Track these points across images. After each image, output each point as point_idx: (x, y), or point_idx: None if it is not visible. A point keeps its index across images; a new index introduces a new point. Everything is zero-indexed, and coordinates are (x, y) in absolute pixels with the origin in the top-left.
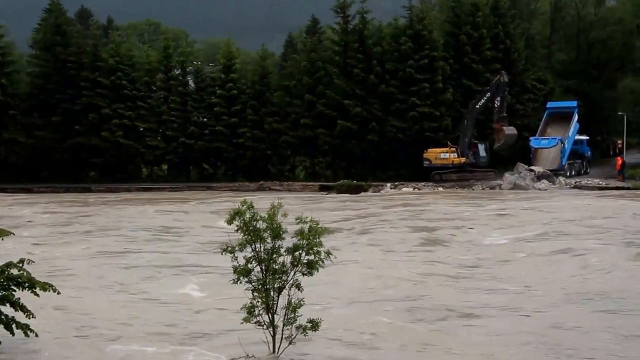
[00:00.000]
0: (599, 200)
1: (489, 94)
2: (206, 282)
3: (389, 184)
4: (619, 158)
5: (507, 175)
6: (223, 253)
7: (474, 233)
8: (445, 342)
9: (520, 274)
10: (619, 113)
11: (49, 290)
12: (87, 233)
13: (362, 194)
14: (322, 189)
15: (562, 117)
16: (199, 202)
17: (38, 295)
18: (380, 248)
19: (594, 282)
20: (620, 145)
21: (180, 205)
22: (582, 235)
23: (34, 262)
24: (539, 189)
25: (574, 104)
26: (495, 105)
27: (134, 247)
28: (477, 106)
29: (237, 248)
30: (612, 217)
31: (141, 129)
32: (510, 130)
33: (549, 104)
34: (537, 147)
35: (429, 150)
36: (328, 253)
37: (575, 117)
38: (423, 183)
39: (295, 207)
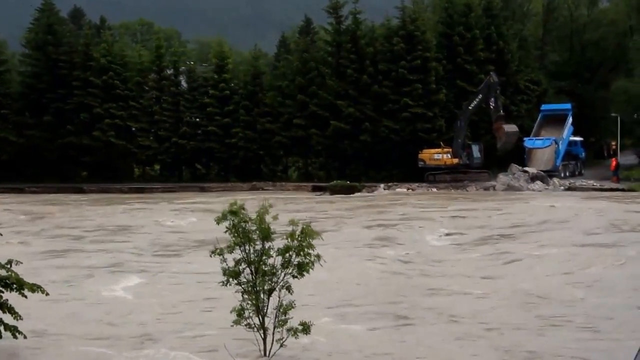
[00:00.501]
0: (581, 202)
1: (480, 95)
2: (137, 284)
3: (382, 185)
4: (613, 159)
5: (500, 176)
6: (212, 255)
7: (423, 232)
8: (384, 346)
9: (450, 273)
10: (613, 114)
11: (38, 292)
12: (38, 233)
13: (356, 194)
14: (315, 189)
15: (556, 120)
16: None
17: (26, 296)
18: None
19: (513, 283)
20: (614, 147)
21: (151, 204)
22: (525, 239)
23: (21, 262)
24: (533, 190)
25: (568, 106)
26: (491, 106)
27: (78, 247)
28: (470, 107)
29: (226, 250)
30: (567, 221)
31: (133, 129)
32: (510, 127)
33: (543, 107)
34: (531, 147)
35: (424, 150)
36: (318, 256)
37: (570, 120)
38: (417, 184)
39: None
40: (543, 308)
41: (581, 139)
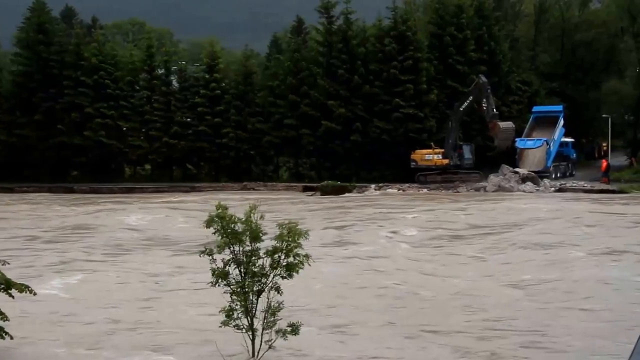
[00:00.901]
0: (562, 204)
1: (471, 96)
2: (79, 282)
3: (373, 186)
4: (604, 160)
5: (491, 177)
6: (201, 255)
7: (379, 231)
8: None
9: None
10: (604, 115)
11: (26, 292)
12: None
13: (347, 194)
14: (306, 190)
15: (548, 121)
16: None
17: (13, 297)
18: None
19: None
20: (605, 148)
21: (126, 204)
22: (472, 239)
23: (9, 263)
24: (524, 192)
25: (560, 108)
26: (484, 107)
27: (31, 246)
28: (461, 108)
29: (215, 250)
30: (530, 223)
31: (124, 129)
32: (505, 124)
33: (535, 108)
34: (522, 147)
35: (416, 151)
36: (307, 256)
37: (561, 121)
38: (408, 184)
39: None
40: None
41: (572, 140)
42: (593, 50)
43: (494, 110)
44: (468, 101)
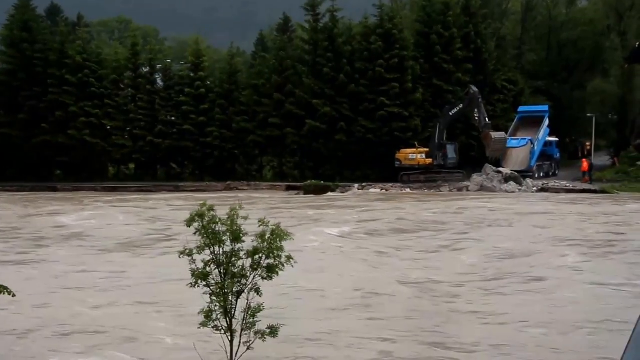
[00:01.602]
0: (527, 205)
1: (461, 105)
2: None
3: (356, 185)
4: (583, 160)
5: (474, 177)
6: (181, 256)
7: (314, 229)
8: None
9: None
10: (588, 115)
11: (4, 293)
12: None
13: (330, 194)
14: (289, 189)
15: (533, 121)
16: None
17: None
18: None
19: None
20: (588, 147)
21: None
22: (389, 235)
23: None
24: (506, 191)
25: (545, 107)
26: (476, 117)
27: None
28: (451, 113)
29: (195, 251)
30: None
31: (108, 128)
32: (498, 134)
33: (520, 108)
34: (507, 146)
35: (401, 150)
36: (289, 257)
37: (546, 122)
38: (391, 184)
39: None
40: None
41: (556, 139)
42: (579, 48)
43: (487, 120)
44: (458, 108)
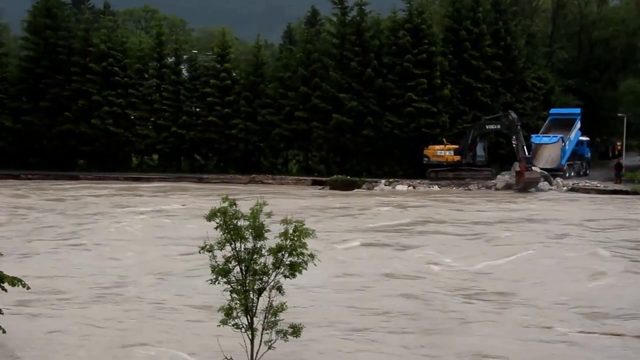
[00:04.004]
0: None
1: (499, 126)
2: None
3: (383, 181)
4: (618, 159)
5: (498, 176)
6: (201, 251)
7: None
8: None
9: None
10: (619, 114)
11: (18, 285)
12: None
13: (356, 190)
14: (315, 183)
15: (564, 124)
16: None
17: (6, 290)
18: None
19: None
20: (619, 147)
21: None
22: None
23: (2, 254)
24: (539, 190)
25: (578, 111)
26: (513, 144)
27: None
28: (487, 127)
29: (215, 247)
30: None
31: (132, 117)
32: (532, 174)
33: (552, 110)
34: (538, 142)
35: (429, 146)
36: (312, 256)
37: (578, 124)
38: (418, 180)
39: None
40: None
41: (587, 138)
42: (611, 48)
43: (525, 152)
44: (495, 127)
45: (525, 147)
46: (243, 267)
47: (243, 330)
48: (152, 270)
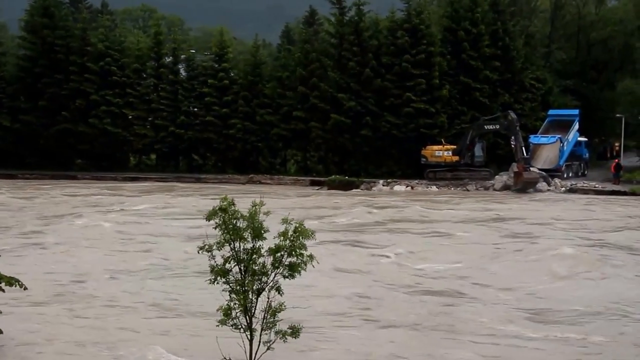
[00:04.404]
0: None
1: (498, 126)
2: None
3: (381, 181)
4: (615, 160)
5: (497, 177)
6: (200, 251)
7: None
8: None
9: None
10: (617, 115)
11: (16, 285)
12: None
13: (354, 190)
14: (313, 184)
15: (563, 125)
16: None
17: (4, 290)
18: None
19: None
20: (617, 148)
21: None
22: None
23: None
24: (536, 191)
25: (576, 112)
26: (512, 144)
27: None
28: (485, 127)
29: (214, 247)
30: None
31: (130, 117)
32: (530, 175)
33: (551, 112)
34: (536, 143)
35: (427, 147)
36: (311, 257)
37: (576, 125)
38: (417, 181)
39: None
40: None
41: (585, 139)
42: (608, 48)
43: (524, 153)
44: (494, 127)
45: (524, 148)
46: (242, 268)
47: (242, 330)
48: (108, 268)
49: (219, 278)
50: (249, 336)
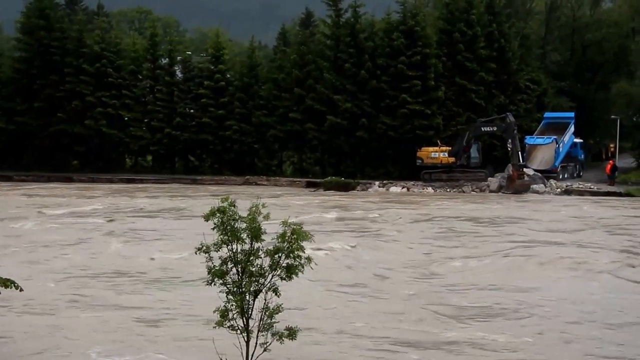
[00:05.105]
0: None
1: (495, 128)
2: None
3: (377, 183)
4: (610, 162)
5: (491, 179)
6: (197, 252)
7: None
8: None
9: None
10: (612, 116)
11: (11, 287)
12: None
13: (350, 192)
14: (309, 185)
15: (558, 128)
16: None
17: None
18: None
19: None
20: (612, 149)
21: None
22: None
23: None
24: (534, 192)
25: (571, 115)
26: (509, 148)
27: None
28: (483, 129)
29: (212, 248)
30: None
31: (126, 119)
32: (522, 182)
33: (547, 114)
34: (532, 143)
35: (422, 148)
36: (309, 259)
37: (572, 128)
38: (412, 182)
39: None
40: None
41: (581, 140)
42: (603, 50)
43: (520, 158)
44: (492, 129)
45: (520, 153)
46: (239, 269)
47: (238, 332)
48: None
49: (215, 279)
50: (245, 338)
